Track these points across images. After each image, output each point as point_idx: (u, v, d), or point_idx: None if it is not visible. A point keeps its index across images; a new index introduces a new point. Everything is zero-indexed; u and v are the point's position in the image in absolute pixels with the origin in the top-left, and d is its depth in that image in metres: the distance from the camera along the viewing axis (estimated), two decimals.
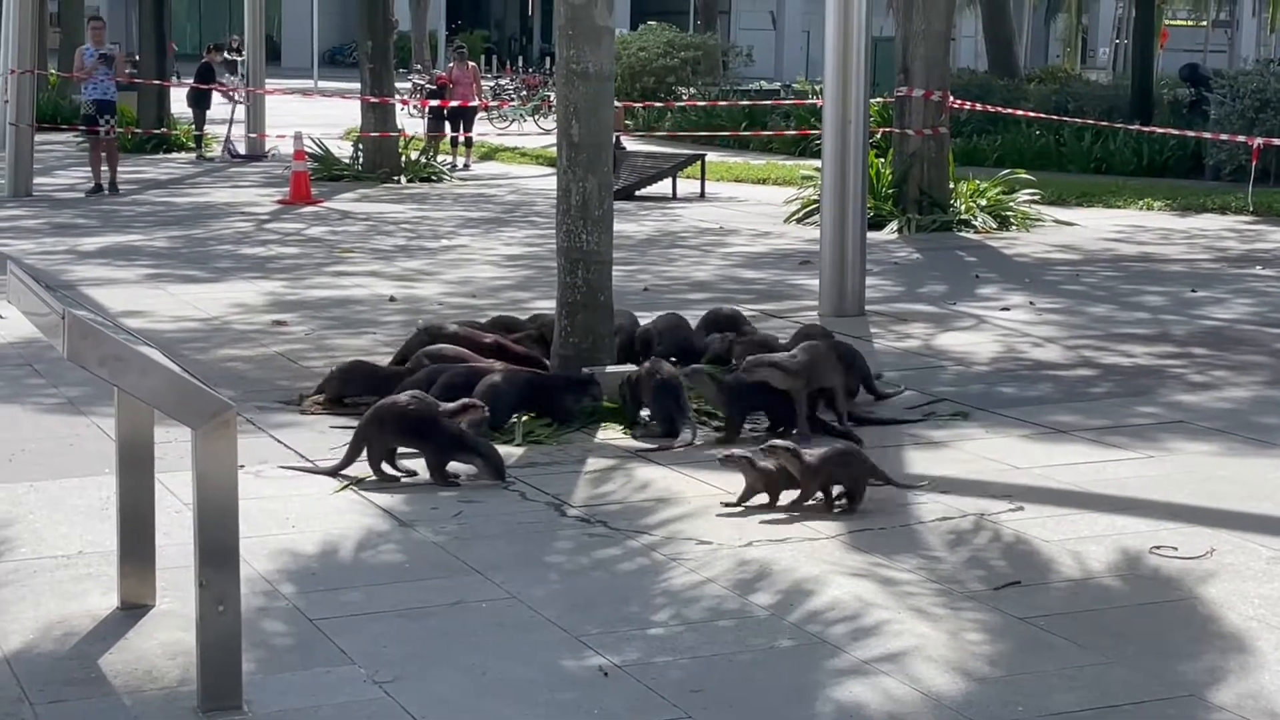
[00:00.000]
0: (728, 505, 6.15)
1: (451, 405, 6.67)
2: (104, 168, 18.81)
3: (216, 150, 24.38)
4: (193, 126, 24.84)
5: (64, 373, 7.94)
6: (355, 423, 6.78)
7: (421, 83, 30.80)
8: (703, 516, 6.03)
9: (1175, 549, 5.65)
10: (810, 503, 6.12)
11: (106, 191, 18.53)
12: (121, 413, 4.87)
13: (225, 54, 27.63)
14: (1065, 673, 4.55)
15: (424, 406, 6.55)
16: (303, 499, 6.23)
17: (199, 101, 24.53)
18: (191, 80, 24.72)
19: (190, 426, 4.13)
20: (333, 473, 6.51)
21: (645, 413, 7.41)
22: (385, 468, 6.48)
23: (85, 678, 4.47)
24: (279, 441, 7.11)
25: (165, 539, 5.16)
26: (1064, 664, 4.61)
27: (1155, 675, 4.53)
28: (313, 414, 7.64)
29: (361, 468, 6.58)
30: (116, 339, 4.31)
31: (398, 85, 23.21)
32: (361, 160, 21.49)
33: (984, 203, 16.28)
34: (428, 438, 6.48)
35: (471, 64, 25.21)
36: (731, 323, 8.90)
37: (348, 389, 7.74)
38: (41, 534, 5.75)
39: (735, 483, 6.48)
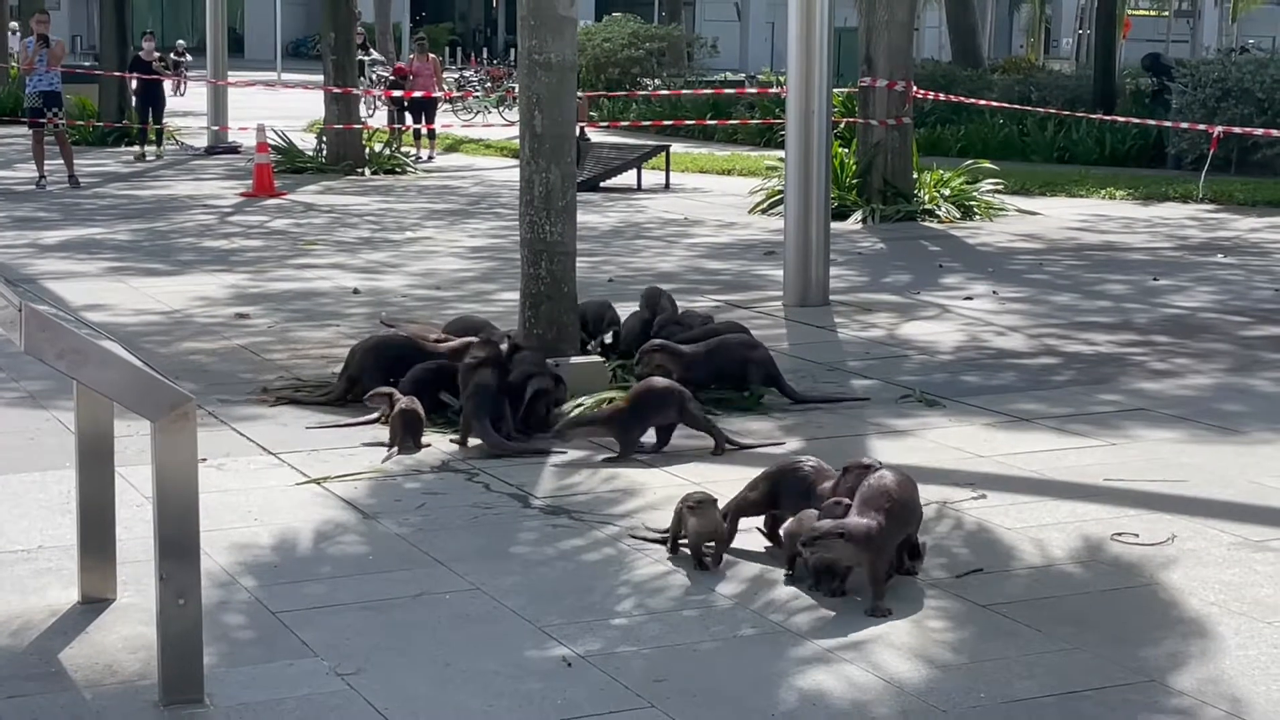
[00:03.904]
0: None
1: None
2: (48, 161, 18.64)
3: (173, 145, 24.19)
4: (144, 119, 23.32)
5: (24, 367, 7.88)
6: (319, 416, 6.74)
7: (385, 74, 30.67)
8: (668, 507, 6.01)
9: (1137, 536, 5.68)
10: None
11: (46, 185, 18.34)
12: (81, 406, 4.84)
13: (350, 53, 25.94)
14: (1027, 659, 4.56)
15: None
16: (264, 491, 6.21)
17: (148, 96, 23.39)
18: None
19: (149, 419, 4.11)
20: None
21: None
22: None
23: (45, 672, 4.44)
24: (241, 434, 7.08)
25: (126, 533, 5.14)
26: (1026, 651, 4.63)
27: (1117, 661, 4.55)
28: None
29: (315, 465, 6.58)
30: (75, 332, 4.28)
31: (360, 77, 23.11)
32: (325, 152, 21.41)
33: (948, 192, 16.32)
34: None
35: (432, 55, 25.10)
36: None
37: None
38: (1, 528, 5.71)
39: (698, 474, 6.50)
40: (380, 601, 5.00)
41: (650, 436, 6.87)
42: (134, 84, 24.03)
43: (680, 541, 5.43)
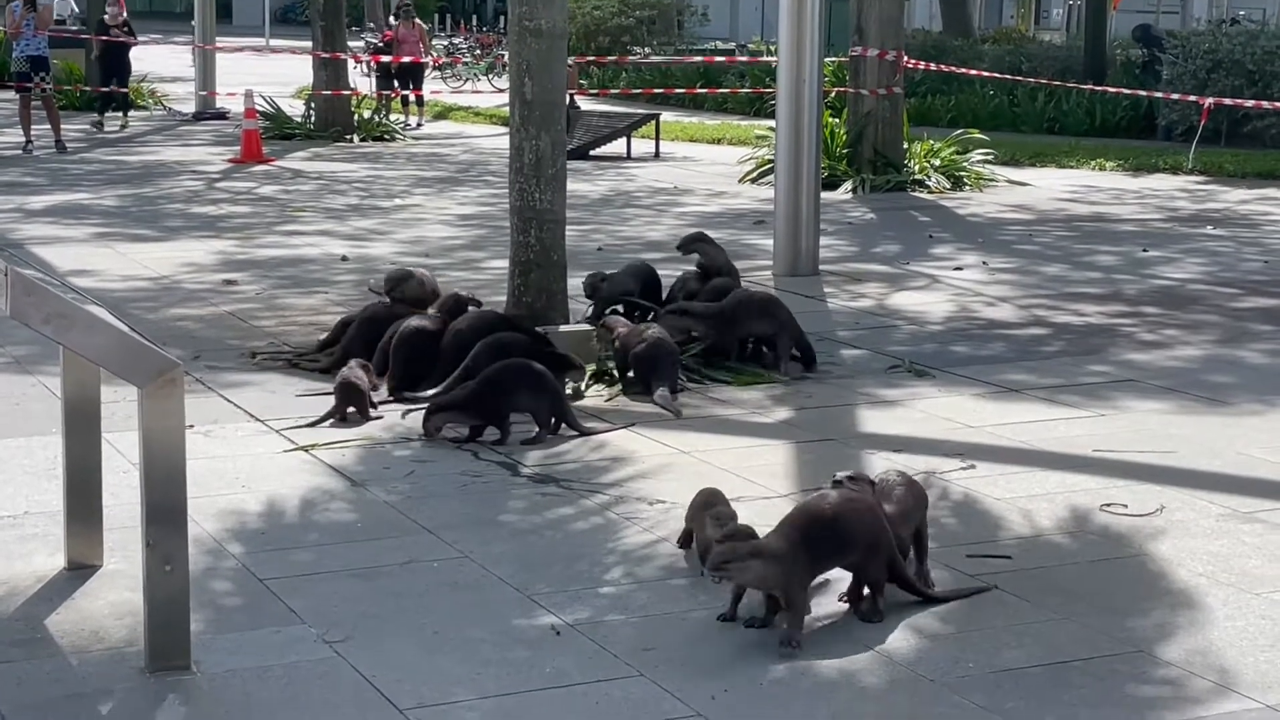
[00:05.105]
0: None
1: None
2: (35, 126, 18.55)
3: (161, 111, 24.01)
4: (106, 85, 22.10)
5: (11, 332, 7.84)
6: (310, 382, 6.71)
7: (374, 41, 30.56)
8: (657, 476, 6.02)
9: (1125, 506, 5.68)
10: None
11: (32, 150, 18.26)
12: (67, 372, 4.81)
13: (391, 20, 25.17)
14: (1015, 629, 4.56)
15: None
16: (252, 458, 6.19)
17: (111, 61, 22.16)
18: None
19: (136, 385, 4.09)
20: None
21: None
22: None
23: (31, 638, 4.43)
24: (229, 401, 7.06)
25: (113, 499, 5.12)
26: (1014, 621, 4.63)
27: (1105, 632, 4.55)
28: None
29: (303, 432, 6.58)
30: (61, 297, 4.25)
31: (350, 43, 23.02)
32: (313, 119, 21.32)
33: (938, 163, 16.30)
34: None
35: (418, 22, 24.97)
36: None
37: None
38: None
39: (688, 442, 6.49)
40: (368, 569, 4.99)
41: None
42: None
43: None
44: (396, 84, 24.07)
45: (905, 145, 16.38)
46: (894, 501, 4.84)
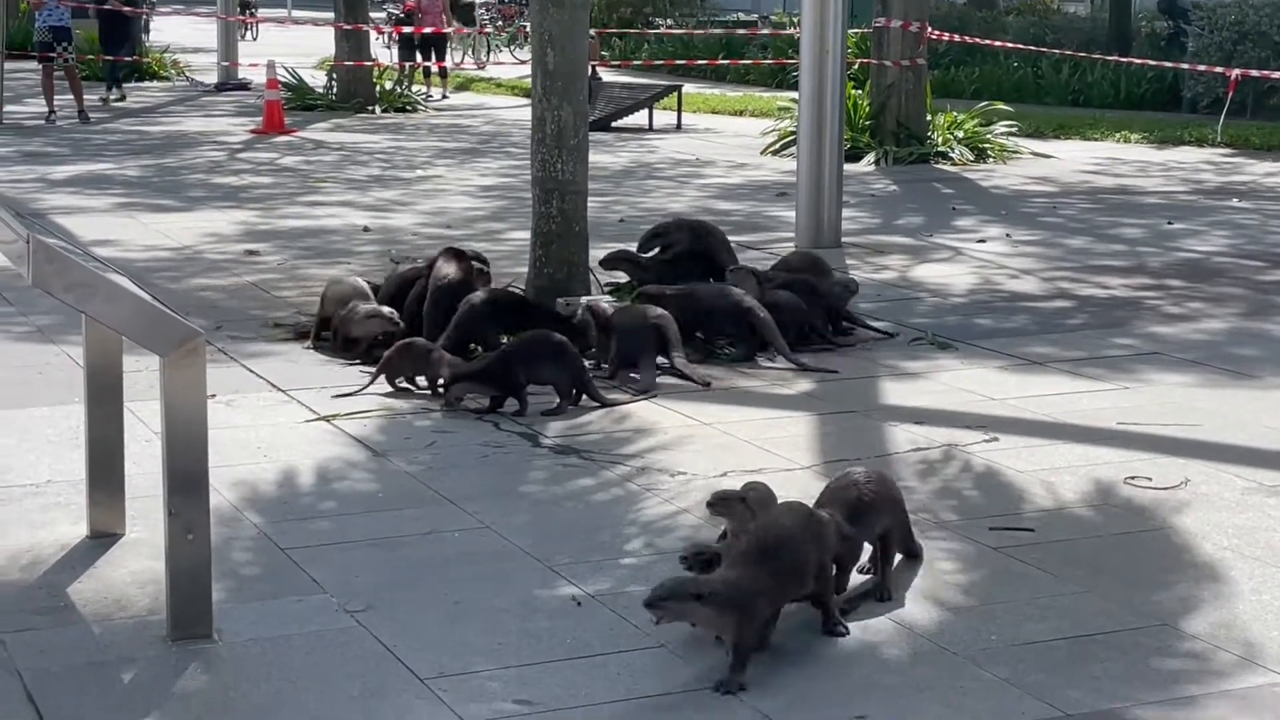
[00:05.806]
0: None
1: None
2: (58, 96, 18.56)
3: (183, 81, 24.03)
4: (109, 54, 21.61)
5: (34, 301, 7.86)
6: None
7: (395, 11, 30.52)
8: (679, 447, 6.01)
9: (1149, 479, 5.65)
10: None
11: (55, 120, 18.27)
12: (90, 340, 4.82)
13: None
14: (1039, 602, 4.54)
15: None
16: (273, 428, 6.19)
17: (111, 29, 21.58)
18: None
19: (158, 354, 4.08)
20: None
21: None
22: None
23: (54, 606, 4.44)
24: (251, 371, 7.06)
25: (135, 468, 5.13)
26: (1037, 594, 4.61)
27: (1128, 605, 4.53)
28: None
29: (325, 402, 6.58)
30: (83, 265, 4.25)
31: (371, 15, 23.00)
32: (335, 90, 21.31)
33: (961, 134, 16.22)
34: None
35: None
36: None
37: None
38: (9, 463, 5.70)
39: (709, 414, 6.47)
40: (389, 539, 4.99)
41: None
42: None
43: None
44: (419, 55, 24.03)
45: (928, 117, 16.31)
46: (854, 502, 4.53)
